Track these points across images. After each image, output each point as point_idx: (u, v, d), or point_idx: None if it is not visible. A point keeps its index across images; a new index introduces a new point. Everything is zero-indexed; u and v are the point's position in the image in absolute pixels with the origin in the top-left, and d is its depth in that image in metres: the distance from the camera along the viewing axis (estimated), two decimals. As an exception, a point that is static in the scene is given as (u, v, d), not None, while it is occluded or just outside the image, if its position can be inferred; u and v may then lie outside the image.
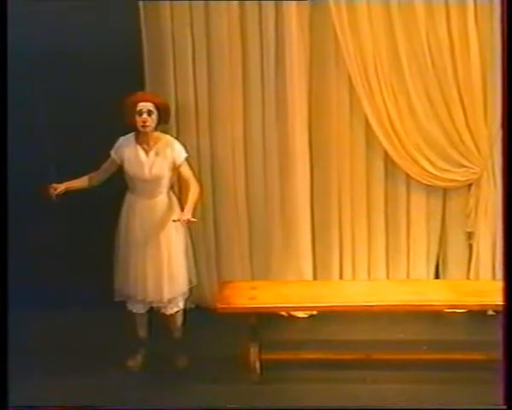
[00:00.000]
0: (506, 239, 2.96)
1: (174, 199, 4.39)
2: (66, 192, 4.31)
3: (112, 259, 4.40)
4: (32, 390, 4.03)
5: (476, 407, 3.72)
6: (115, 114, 4.24)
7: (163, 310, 4.42)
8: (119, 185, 4.36)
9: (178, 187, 4.72)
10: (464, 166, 4.96)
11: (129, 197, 4.34)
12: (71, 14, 4.87)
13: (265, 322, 4.42)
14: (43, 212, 4.73)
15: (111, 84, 4.70)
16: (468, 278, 5.11)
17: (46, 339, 4.79)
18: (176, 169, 4.31)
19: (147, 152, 4.26)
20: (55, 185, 4.29)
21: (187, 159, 4.35)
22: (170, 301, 4.37)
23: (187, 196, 4.30)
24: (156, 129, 4.27)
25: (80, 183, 4.39)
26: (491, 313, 4.75)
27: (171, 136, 4.52)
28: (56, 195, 4.27)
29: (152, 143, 4.27)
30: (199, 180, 4.56)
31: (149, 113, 4.19)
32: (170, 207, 4.31)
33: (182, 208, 4.36)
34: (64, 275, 5.17)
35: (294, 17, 4.83)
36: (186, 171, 4.33)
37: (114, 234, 4.38)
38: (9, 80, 4.58)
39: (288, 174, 5.09)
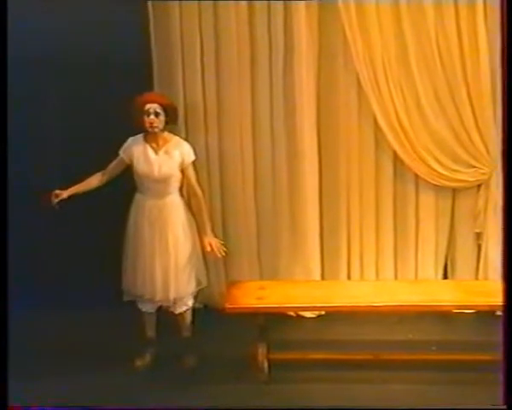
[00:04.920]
0: (506, 239, 2.94)
1: (183, 200, 4.42)
2: (71, 197, 4.29)
3: (120, 258, 4.41)
4: (43, 390, 4.05)
5: (477, 406, 3.71)
6: (124, 114, 4.24)
7: (172, 309, 4.43)
8: (127, 185, 4.36)
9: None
10: (473, 167, 4.96)
11: (138, 197, 4.34)
12: (79, 15, 4.88)
13: (273, 322, 4.42)
14: (51, 212, 4.73)
15: (119, 85, 4.71)
16: (476, 279, 5.10)
17: (56, 339, 4.82)
18: (183, 170, 4.31)
19: (156, 151, 4.27)
20: (56, 192, 4.27)
21: (193, 162, 4.36)
22: (177, 300, 4.38)
23: (191, 200, 4.38)
24: (164, 130, 4.27)
25: (85, 186, 4.36)
26: (499, 313, 4.72)
27: (180, 136, 4.54)
28: (58, 202, 4.26)
29: (161, 143, 4.27)
30: (201, 185, 4.51)
31: (157, 114, 4.19)
32: (178, 208, 4.32)
33: (190, 210, 4.39)
34: (73, 275, 5.19)
35: (303, 17, 4.83)
36: (191, 175, 4.33)
37: (122, 234, 4.38)
38: (17, 82, 4.64)
39: (296, 174, 5.09)
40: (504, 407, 2.87)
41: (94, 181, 4.38)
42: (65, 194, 4.29)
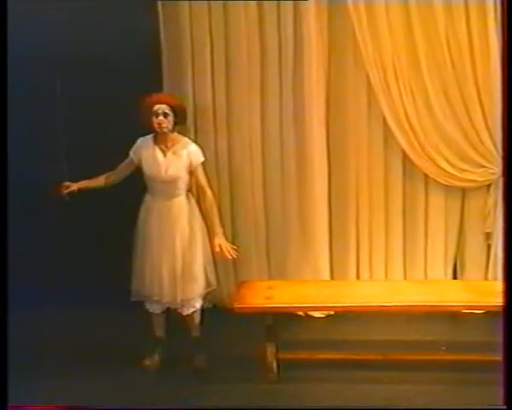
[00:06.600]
0: (506, 239, 2.94)
1: (192, 201, 4.40)
2: (81, 191, 4.33)
3: (128, 258, 4.41)
4: (47, 390, 4.06)
5: (477, 406, 3.70)
6: (133, 114, 4.26)
7: (179, 310, 4.43)
8: (137, 186, 4.37)
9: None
10: (483, 167, 4.94)
11: (147, 198, 4.35)
12: (89, 15, 4.89)
13: (282, 322, 4.43)
14: (55, 212, 4.75)
15: (129, 85, 4.72)
16: (486, 279, 5.09)
17: (63, 339, 4.83)
18: (192, 172, 4.31)
19: (164, 153, 4.27)
20: (66, 184, 4.32)
21: (203, 163, 4.35)
22: (184, 302, 4.37)
23: (200, 201, 4.36)
24: (173, 130, 4.28)
25: (95, 182, 4.41)
26: (509, 314, 4.71)
27: (189, 136, 4.55)
28: (68, 194, 4.29)
29: (170, 144, 4.28)
30: (211, 186, 4.47)
31: (165, 115, 4.19)
32: (187, 210, 4.32)
33: (201, 211, 4.38)
34: (80, 275, 5.20)
35: (313, 17, 4.83)
36: (201, 176, 4.32)
37: (132, 234, 4.39)
38: (27, 80, 4.66)
39: (305, 174, 5.09)
40: (504, 407, 2.86)
41: (103, 179, 4.42)
42: (75, 186, 4.34)
